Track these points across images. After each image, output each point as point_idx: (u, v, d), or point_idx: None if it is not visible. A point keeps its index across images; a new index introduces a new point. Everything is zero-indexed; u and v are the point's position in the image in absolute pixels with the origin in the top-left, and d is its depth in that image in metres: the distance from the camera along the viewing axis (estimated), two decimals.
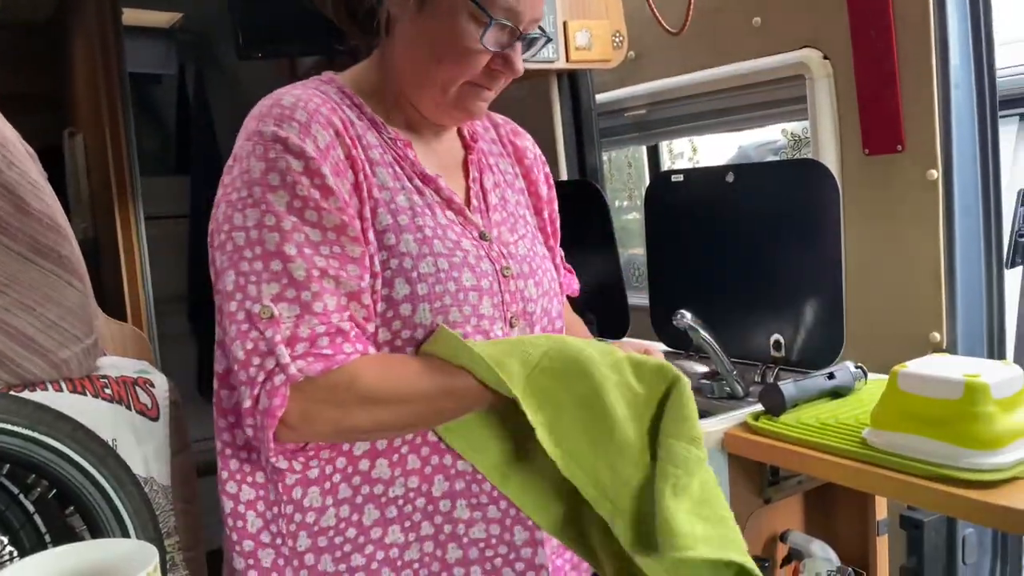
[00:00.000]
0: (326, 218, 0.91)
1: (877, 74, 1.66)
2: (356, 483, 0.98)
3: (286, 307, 0.88)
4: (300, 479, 0.96)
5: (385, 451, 0.98)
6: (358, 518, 0.98)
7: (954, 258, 1.60)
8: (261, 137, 0.92)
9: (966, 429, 1.02)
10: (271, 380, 0.86)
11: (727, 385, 1.59)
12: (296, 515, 0.97)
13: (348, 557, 0.99)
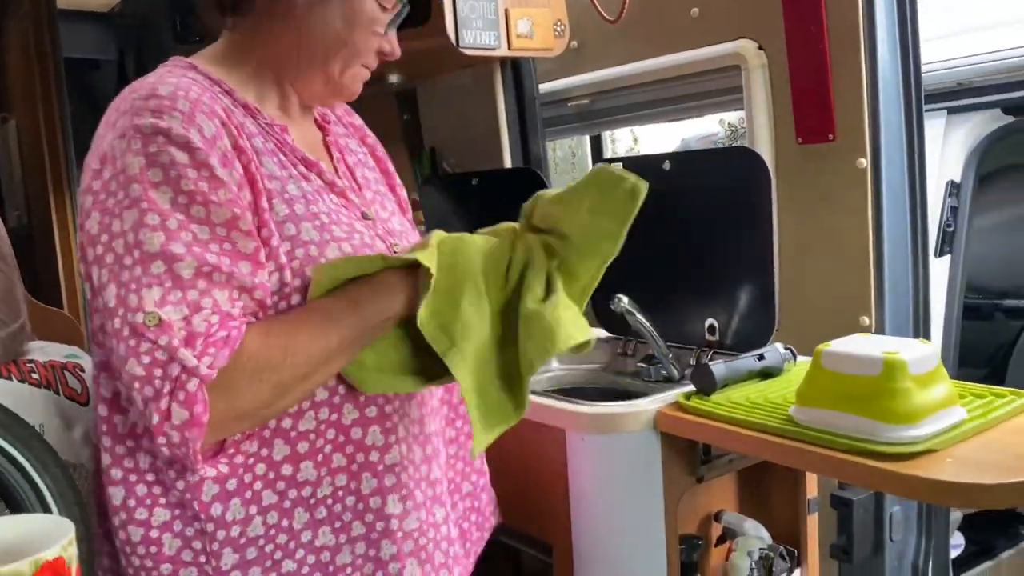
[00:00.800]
0: (215, 213, 0.86)
1: (810, 65, 1.70)
2: (281, 488, 0.93)
3: (173, 309, 0.82)
4: (218, 494, 0.91)
5: (308, 453, 0.94)
6: (288, 523, 0.94)
7: (883, 244, 1.65)
8: (138, 131, 0.85)
9: (885, 404, 1.06)
10: (183, 389, 0.81)
11: (663, 368, 1.62)
12: (219, 532, 0.92)
13: (278, 565, 0.95)
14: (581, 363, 1.84)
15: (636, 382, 1.66)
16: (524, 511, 1.47)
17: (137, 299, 0.82)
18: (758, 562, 1.49)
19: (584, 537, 1.35)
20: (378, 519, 0.98)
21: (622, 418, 1.29)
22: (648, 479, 1.31)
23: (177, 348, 0.81)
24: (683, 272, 1.65)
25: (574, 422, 1.32)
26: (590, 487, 1.33)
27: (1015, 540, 2.68)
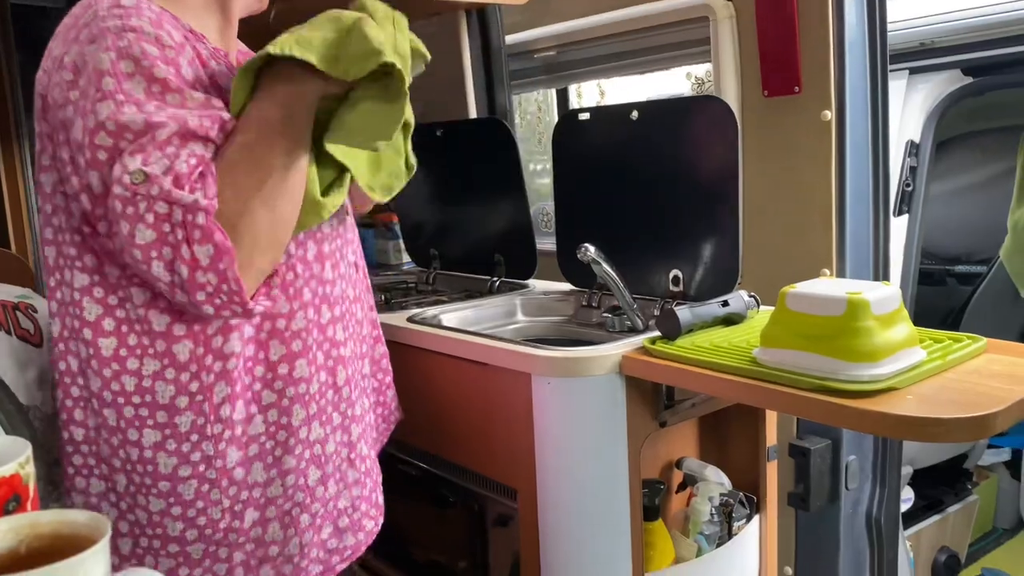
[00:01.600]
0: (191, 98, 0.91)
1: (777, 17, 1.70)
2: (279, 387, 1.04)
3: (156, 160, 0.86)
4: (228, 395, 0.99)
5: (301, 352, 1.05)
6: (287, 420, 1.05)
7: (845, 197, 1.67)
8: (108, 31, 0.90)
9: (848, 343, 1.07)
10: (195, 227, 0.84)
11: (628, 319, 1.62)
12: (225, 432, 1.00)
13: (279, 461, 1.05)
14: (546, 315, 1.85)
15: (601, 332, 1.67)
16: (488, 457, 1.47)
17: (121, 167, 0.86)
18: (718, 507, 1.51)
19: (549, 482, 1.35)
20: (348, 407, 1.15)
21: (588, 362, 1.29)
22: (612, 424, 1.32)
23: (170, 191, 0.84)
24: (649, 223, 1.65)
25: (540, 366, 1.32)
26: (555, 432, 1.34)
27: (962, 495, 2.77)
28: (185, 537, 1.03)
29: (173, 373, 0.98)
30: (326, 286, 1.10)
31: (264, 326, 1.03)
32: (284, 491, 1.06)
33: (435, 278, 2.19)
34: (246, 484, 1.04)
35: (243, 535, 1.05)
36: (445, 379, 1.55)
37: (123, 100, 0.87)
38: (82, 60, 0.91)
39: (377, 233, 2.54)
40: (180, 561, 1.04)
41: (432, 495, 1.65)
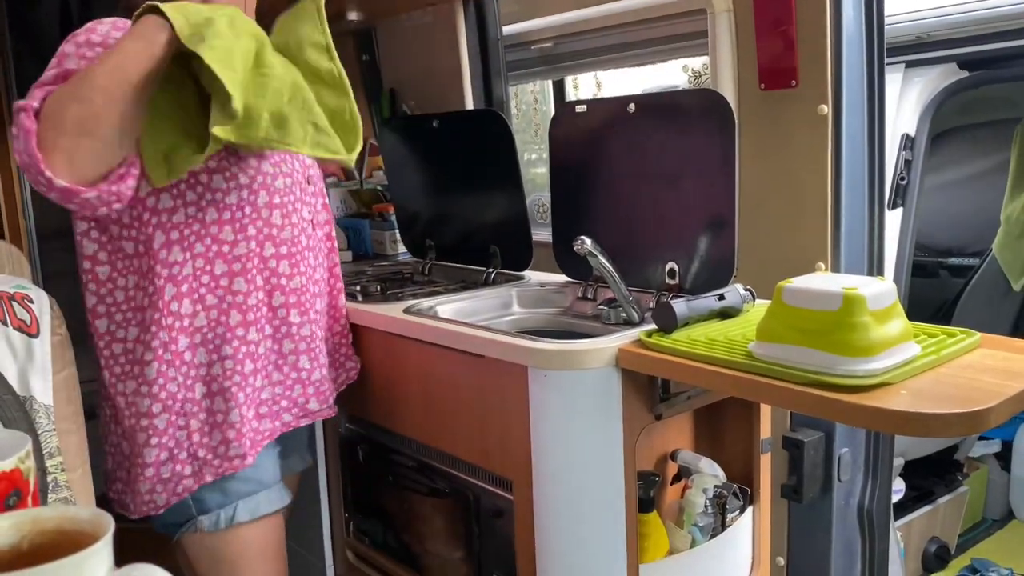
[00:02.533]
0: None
1: (775, 11, 1.70)
2: (220, 294, 1.40)
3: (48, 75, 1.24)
4: (175, 295, 1.36)
5: (240, 272, 1.40)
6: (225, 319, 1.40)
7: (841, 191, 1.67)
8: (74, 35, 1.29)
9: (843, 338, 1.08)
10: (17, 118, 1.14)
11: (623, 312, 1.62)
12: (175, 323, 1.37)
13: (219, 348, 1.40)
14: (542, 307, 1.85)
15: (596, 325, 1.67)
16: (484, 448, 1.48)
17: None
18: (712, 499, 1.52)
19: (544, 473, 1.36)
20: (283, 324, 1.48)
21: (585, 354, 1.30)
22: (608, 416, 1.33)
23: (19, 102, 1.16)
24: (645, 216, 1.65)
25: (536, 359, 1.32)
26: (551, 424, 1.34)
27: (952, 486, 2.80)
28: (152, 411, 1.37)
29: (142, 281, 1.37)
30: (272, 228, 1.43)
31: (212, 248, 1.38)
32: (223, 372, 1.40)
33: (431, 268, 2.19)
34: (194, 364, 1.39)
35: (196, 404, 1.40)
36: (441, 370, 1.55)
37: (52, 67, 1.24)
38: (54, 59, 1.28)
39: (373, 224, 2.54)
40: (150, 433, 1.38)
41: (427, 486, 1.66)
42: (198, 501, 1.44)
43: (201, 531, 1.45)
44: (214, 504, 1.44)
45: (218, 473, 1.42)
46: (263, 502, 1.48)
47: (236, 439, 1.41)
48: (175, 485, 1.41)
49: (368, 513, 1.84)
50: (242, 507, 1.45)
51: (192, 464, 1.41)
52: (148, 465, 1.39)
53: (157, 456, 1.39)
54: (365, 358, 1.72)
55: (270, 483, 1.50)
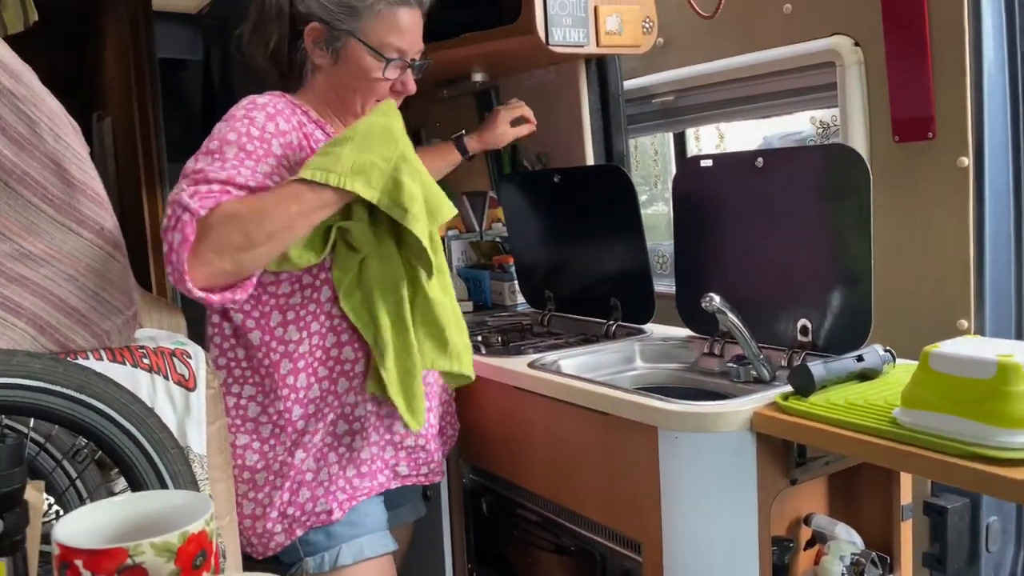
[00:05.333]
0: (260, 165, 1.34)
1: (909, 61, 1.66)
2: (331, 365, 1.48)
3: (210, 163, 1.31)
4: (291, 369, 1.44)
5: (348, 341, 1.47)
6: (334, 387, 1.48)
7: (984, 246, 1.60)
8: (234, 117, 1.37)
9: (998, 408, 1.03)
10: (178, 220, 1.22)
11: (754, 369, 1.59)
12: (291, 395, 1.45)
13: (325, 415, 1.48)
14: (666, 362, 1.84)
15: (724, 382, 1.65)
16: (613, 508, 1.47)
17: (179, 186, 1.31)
18: (850, 567, 1.46)
19: (675, 536, 1.34)
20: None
21: (718, 417, 1.28)
22: (742, 480, 1.30)
23: (181, 197, 1.25)
24: (775, 271, 1.63)
25: (667, 420, 1.31)
26: (682, 486, 1.33)
27: None
28: (256, 467, 1.47)
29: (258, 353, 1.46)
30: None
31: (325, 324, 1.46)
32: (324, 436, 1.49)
33: (550, 319, 2.21)
34: (300, 430, 1.47)
35: (293, 468, 1.47)
36: (566, 426, 1.56)
37: (216, 148, 1.33)
38: (216, 131, 1.37)
39: (492, 274, 2.59)
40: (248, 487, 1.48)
41: (552, 542, 1.66)
42: (305, 543, 1.51)
43: (307, 572, 1.51)
44: (319, 546, 1.51)
45: (307, 527, 1.50)
46: (366, 546, 1.53)
47: (324, 496, 1.49)
48: (268, 540, 1.49)
49: (492, 565, 1.86)
50: (345, 550, 1.51)
51: (282, 522, 1.49)
52: (246, 517, 1.48)
53: (253, 511, 1.48)
54: (488, 410, 1.75)
55: (374, 529, 1.55)
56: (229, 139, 1.33)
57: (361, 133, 1.29)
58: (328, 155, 1.29)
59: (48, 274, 1.23)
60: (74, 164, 1.24)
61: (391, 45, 1.44)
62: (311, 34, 1.45)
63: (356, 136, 1.29)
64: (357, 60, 1.45)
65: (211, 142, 1.34)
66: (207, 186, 1.28)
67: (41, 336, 1.22)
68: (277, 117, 1.38)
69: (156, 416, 1.14)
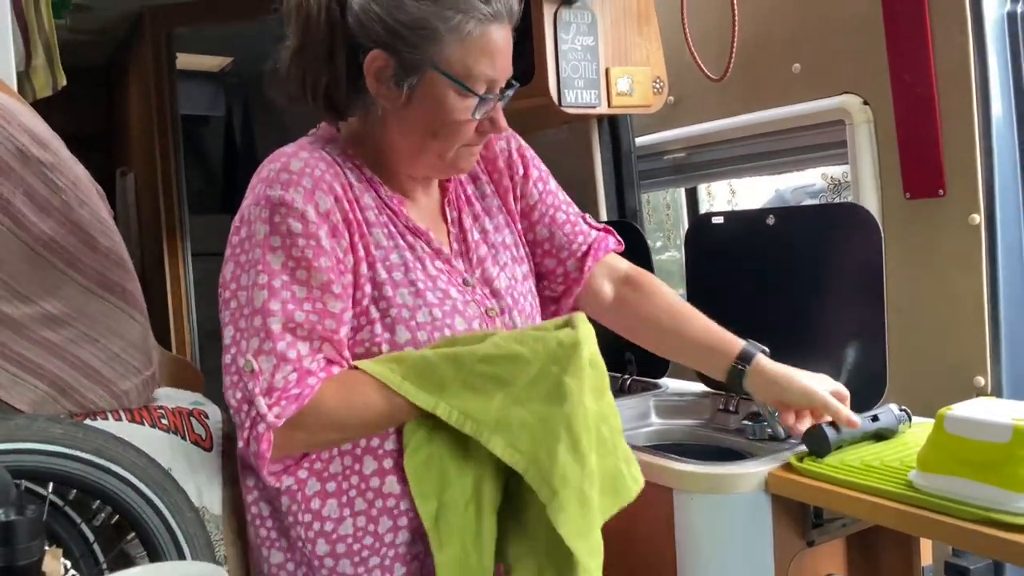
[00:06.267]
0: (314, 276, 1.04)
1: (918, 119, 1.67)
2: (370, 498, 1.09)
3: (265, 359, 1.02)
4: (319, 492, 1.08)
5: (392, 469, 1.09)
6: (374, 528, 1.09)
7: (998, 302, 1.59)
8: (268, 201, 1.05)
9: (1015, 472, 1.02)
10: (255, 428, 1.01)
11: (768, 427, 1.59)
12: (315, 524, 1.09)
13: (366, 561, 1.09)
14: (681, 418, 1.83)
15: (740, 440, 1.64)
16: (628, 568, 1.46)
17: (245, 345, 1.03)
18: None
19: None
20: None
21: (733, 479, 1.28)
22: (758, 542, 1.29)
23: (256, 395, 1.01)
24: (788, 328, 1.63)
25: (683, 481, 1.31)
26: (698, 548, 1.32)
27: None
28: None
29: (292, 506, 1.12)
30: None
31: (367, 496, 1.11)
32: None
33: None
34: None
35: None
36: None
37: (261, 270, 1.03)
38: (248, 216, 1.07)
39: None
40: None
41: None
42: None
43: None
44: None
45: None
46: None
47: None
48: None
49: None
50: None
51: None
52: None
53: None
54: None
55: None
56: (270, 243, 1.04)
57: (525, 383, 1.02)
58: (475, 392, 1.02)
59: (70, 336, 1.25)
60: (98, 229, 1.27)
61: (482, 75, 1.07)
62: (374, 66, 1.06)
63: (518, 384, 1.02)
64: (438, 98, 1.07)
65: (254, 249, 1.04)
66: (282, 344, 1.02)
67: (61, 397, 1.24)
68: (316, 192, 1.05)
69: (173, 480, 1.15)
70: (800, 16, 1.90)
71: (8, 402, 1.17)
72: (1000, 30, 1.62)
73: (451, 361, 1.03)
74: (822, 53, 1.86)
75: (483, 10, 1.05)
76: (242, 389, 1.02)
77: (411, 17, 1.04)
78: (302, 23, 1.09)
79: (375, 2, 1.05)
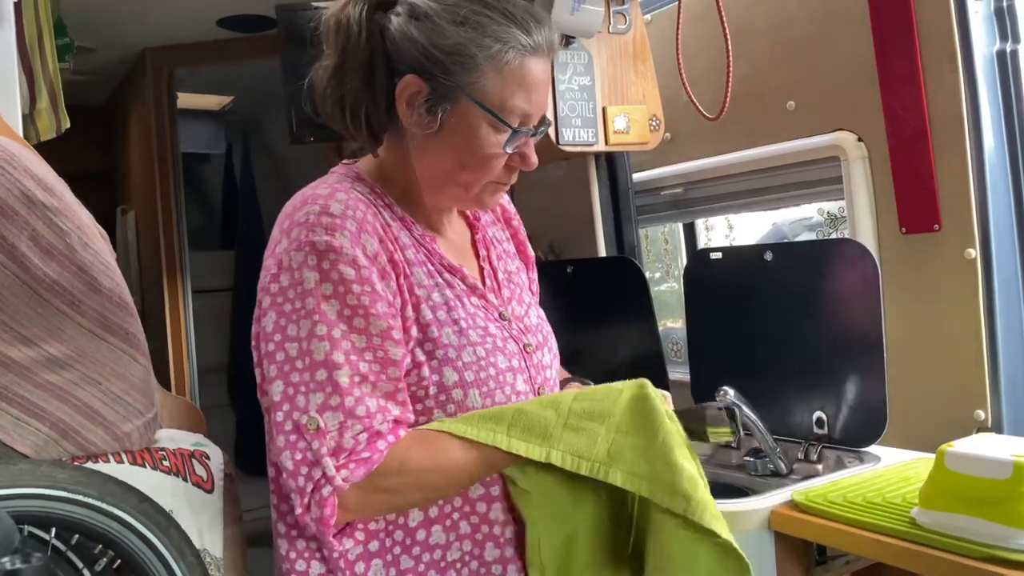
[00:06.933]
0: (373, 324, 0.98)
1: (912, 155, 1.70)
2: (416, 553, 1.03)
3: (331, 415, 0.95)
4: (362, 554, 1.02)
5: (438, 518, 1.04)
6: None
7: (996, 336, 1.61)
8: (314, 248, 0.98)
9: (1016, 509, 1.02)
10: (319, 491, 0.94)
11: (770, 463, 1.59)
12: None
13: None
14: None
15: (742, 476, 1.64)
16: None
17: (305, 401, 0.96)
18: None
19: None
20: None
21: (735, 516, 1.27)
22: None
23: (324, 456, 0.94)
24: (789, 363, 1.64)
25: None
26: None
27: None
28: None
29: None
30: None
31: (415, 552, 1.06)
32: None
33: None
34: None
35: None
36: None
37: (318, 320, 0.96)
38: (289, 263, 0.99)
39: None
40: None
41: None
42: None
43: None
44: None
45: None
46: None
47: None
48: None
49: None
50: None
51: None
52: None
53: None
54: None
55: None
56: (323, 292, 0.98)
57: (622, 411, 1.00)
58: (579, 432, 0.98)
59: (72, 378, 1.25)
60: (101, 272, 1.28)
61: (516, 109, 1.03)
62: (407, 91, 1.03)
63: (616, 415, 1.00)
64: (471, 128, 1.03)
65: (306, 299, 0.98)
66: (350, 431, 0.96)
67: (63, 440, 1.24)
68: (362, 235, 1.00)
69: (175, 523, 1.14)
70: (793, 55, 1.93)
71: (11, 446, 1.17)
72: (990, 67, 1.65)
73: (550, 407, 1.01)
74: (816, 91, 1.89)
75: (523, 41, 1.02)
76: (303, 450, 0.95)
77: (450, 43, 1.01)
78: (342, 41, 1.05)
79: (415, 26, 1.01)
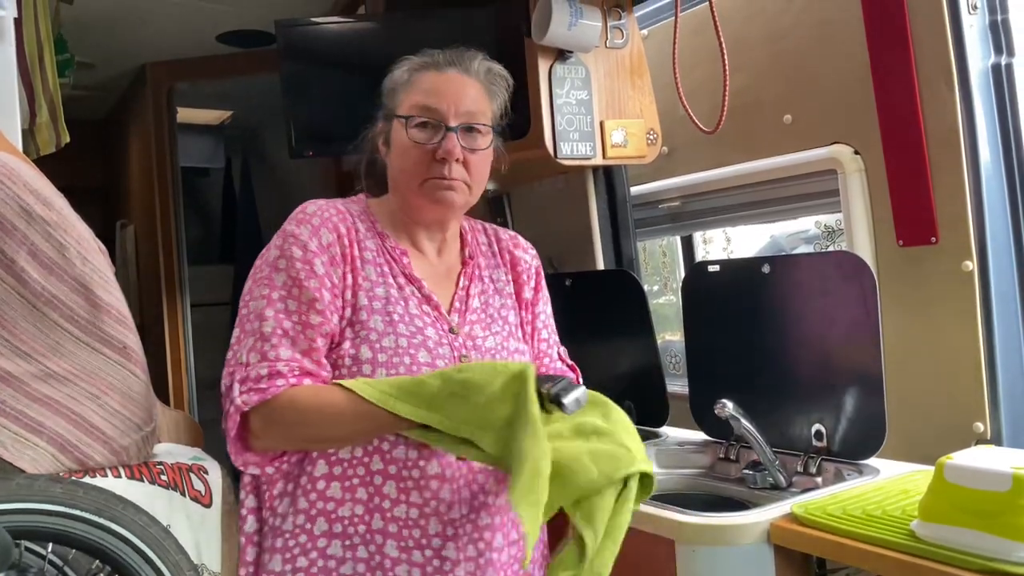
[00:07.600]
0: (304, 294, 1.21)
1: (908, 168, 1.70)
2: (312, 499, 1.23)
3: (253, 355, 1.18)
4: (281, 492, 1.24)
5: (340, 476, 1.22)
6: (310, 527, 1.22)
7: (994, 348, 1.61)
8: (283, 233, 1.27)
9: (1016, 522, 1.02)
10: (228, 409, 1.17)
11: (770, 476, 1.59)
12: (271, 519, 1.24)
13: (295, 559, 1.22)
14: (682, 467, 1.82)
15: (741, 489, 1.64)
16: None
17: (238, 343, 1.22)
18: None
19: None
20: (377, 553, 1.21)
21: (735, 530, 1.27)
22: None
23: (235, 382, 1.18)
24: (788, 376, 1.64)
25: (684, 533, 1.30)
26: None
27: None
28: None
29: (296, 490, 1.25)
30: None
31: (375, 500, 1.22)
32: None
33: None
34: None
35: None
36: None
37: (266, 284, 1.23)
38: (272, 243, 1.27)
39: None
40: None
41: None
42: None
43: None
44: None
45: None
46: None
47: None
48: None
49: None
50: None
51: None
52: None
53: None
54: None
55: None
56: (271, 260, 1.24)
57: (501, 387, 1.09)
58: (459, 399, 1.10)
59: (71, 393, 1.25)
60: (100, 286, 1.28)
61: (414, 103, 1.27)
62: (379, 134, 1.35)
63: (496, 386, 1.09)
64: (398, 136, 1.29)
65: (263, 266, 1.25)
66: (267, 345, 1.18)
67: (61, 455, 1.24)
68: (321, 229, 1.25)
69: (173, 538, 1.14)
70: (790, 68, 1.94)
71: (9, 461, 1.17)
72: (985, 80, 1.66)
73: (438, 377, 1.13)
74: (812, 104, 1.89)
75: (419, 62, 1.32)
76: (229, 377, 1.19)
77: (389, 81, 1.34)
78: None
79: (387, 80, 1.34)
